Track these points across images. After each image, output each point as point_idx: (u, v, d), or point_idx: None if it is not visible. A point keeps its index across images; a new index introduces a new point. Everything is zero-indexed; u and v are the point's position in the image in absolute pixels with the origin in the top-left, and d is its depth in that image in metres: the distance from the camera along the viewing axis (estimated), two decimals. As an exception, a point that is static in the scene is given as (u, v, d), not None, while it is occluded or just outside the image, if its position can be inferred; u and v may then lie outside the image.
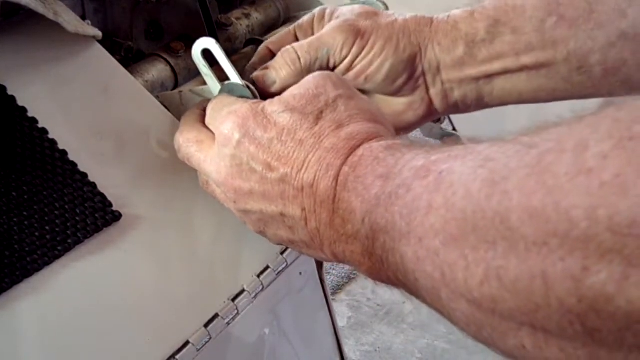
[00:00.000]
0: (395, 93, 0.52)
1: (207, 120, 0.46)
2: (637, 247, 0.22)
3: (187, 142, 0.46)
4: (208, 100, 0.48)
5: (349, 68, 0.50)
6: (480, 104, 0.52)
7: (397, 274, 0.33)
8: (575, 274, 0.23)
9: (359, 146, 0.38)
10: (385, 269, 0.34)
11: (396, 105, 0.52)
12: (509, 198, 0.26)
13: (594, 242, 0.23)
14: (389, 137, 0.39)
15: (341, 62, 0.50)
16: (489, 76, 0.50)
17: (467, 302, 0.29)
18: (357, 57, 0.50)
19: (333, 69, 0.50)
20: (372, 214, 0.34)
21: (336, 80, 0.42)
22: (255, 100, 0.44)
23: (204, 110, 0.47)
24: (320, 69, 0.49)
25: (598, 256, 0.23)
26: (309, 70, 0.49)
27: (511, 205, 0.26)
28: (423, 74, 0.51)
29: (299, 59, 0.50)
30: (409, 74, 0.50)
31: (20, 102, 0.47)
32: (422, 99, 0.52)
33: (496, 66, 0.49)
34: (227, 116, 0.43)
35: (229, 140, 0.42)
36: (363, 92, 0.51)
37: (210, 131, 0.45)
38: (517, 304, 0.26)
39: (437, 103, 0.52)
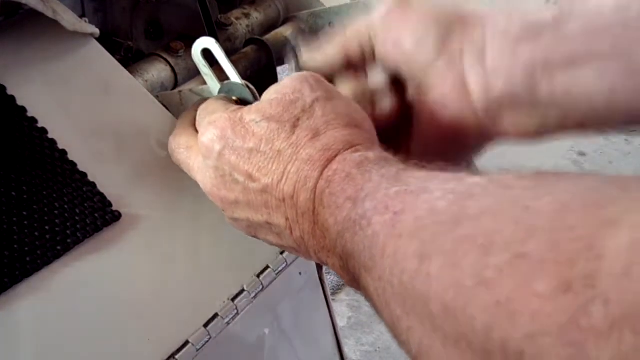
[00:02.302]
0: (426, 68, 0.43)
1: (197, 125, 0.46)
2: None
3: (178, 147, 0.46)
4: (203, 101, 0.47)
5: (386, 35, 0.45)
6: (533, 107, 0.41)
7: (367, 297, 0.34)
8: None
9: (334, 158, 0.38)
10: (360, 288, 0.35)
11: (426, 103, 0.44)
12: (430, 283, 0.27)
13: (492, 357, 0.23)
14: (365, 146, 0.39)
15: (381, 29, 0.46)
16: (550, 66, 0.39)
17: (411, 357, 0.29)
18: (394, 22, 0.45)
19: (374, 40, 0.46)
20: (342, 237, 0.35)
21: (314, 82, 0.42)
22: (234, 108, 0.43)
23: None
24: (360, 38, 0.47)
25: None
26: (349, 40, 0.47)
27: (431, 292, 0.27)
28: (461, 52, 0.43)
29: (345, 31, 0.48)
30: (443, 46, 0.43)
31: (19, 102, 0.47)
32: (456, 85, 0.42)
33: (561, 51, 0.39)
34: (207, 127, 0.42)
35: (211, 151, 0.42)
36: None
37: None
38: None
39: (477, 97, 0.42)
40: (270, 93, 0.42)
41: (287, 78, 0.42)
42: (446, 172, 0.32)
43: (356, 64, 0.48)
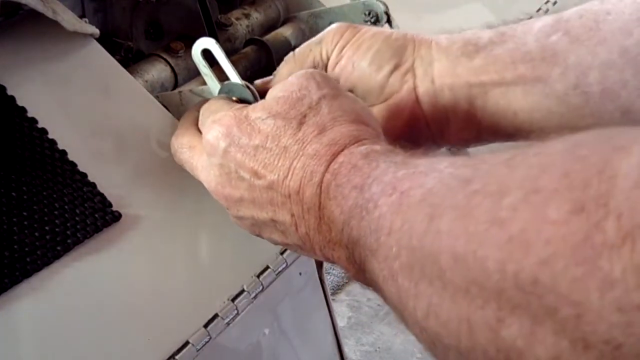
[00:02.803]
0: (382, 85, 0.48)
1: (199, 125, 0.46)
2: (540, 306, 0.22)
3: (181, 147, 0.46)
4: (205, 101, 0.48)
5: (339, 55, 0.49)
6: (471, 118, 0.48)
7: (373, 286, 0.34)
8: (492, 324, 0.24)
9: (340, 152, 0.38)
10: (365, 278, 0.35)
11: (383, 109, 0.49)
12: (440, 239, 0.27)
13: (505, 295, 0.23)
14: (371, 140, 0.39)
15: (333, 50, 0.49)
16: (484, 85, 0.46)
17: (419, 329, 0.29)
18: (347, 43, 0.49)
19: (327, 61, 0.49)
20: (348, 225, 0.35)
21: (320, 79, 0.42)
22: (239, 106, 0.43)
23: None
24: (314, 61, 0.49)
25: (509, 309, 0.23)
26: (302, 63, 0.49)
27: (441, 246, 0.27)
28: (413, 68, 0.48)
29: (294, 54, 0.50)
30: (396, 62, 0.48)
31: (20, 102, 0.47)
32: (409, 97, 0.48)
33: (492, 73, 0.46)
34: (212, 125, 0.42)
35: (216, 149, 0.42)
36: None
37: None
38: (452, 342, 0.27)
39: (425, 105, 0.48)
40: (277, 90, 0.42)
41: (293, 75, 0.42)
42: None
43: None
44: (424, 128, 0.49)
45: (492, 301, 0.24)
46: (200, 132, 0.46)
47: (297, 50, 0.50)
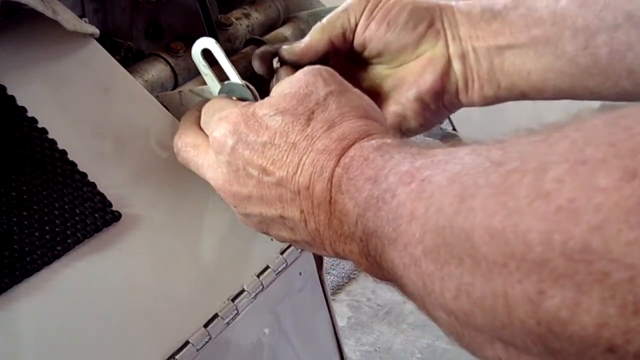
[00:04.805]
0: (417, 41, 0.51)
1: (202, 124, 0.46)
2: (588, 273, 0.22)
3: (185, 146, 0.46)
4: (206, 101, 0.48)
5: (370, 16, 0.50)
6: (491, 78, 0.51)
7: (390, 276, 0.34)
8: (532, 297, 0.24)
9: (350, 146, 0.38)
10: (381, 270, 0.35)
11: (417, 64, 0.52)
12: (473, 216, 0.26)
13: (548, 266, 0.23)
14: (381, 135, 0.39)
15: (361, 14, 0.51)
16: (500, 47, 0.50)
17: (445, 313, 0.29)
18: (375, 7, 0.50)
19: (355, 26, 0.51)
20: (363, 217, 0.35)
21: (327, 76, 0.42)
22: (245, 103, 0.43)
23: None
24: (342, 26, 0.51)
25: (552, 281, 0.23)
26: (331, 30, 0.51)
27: (475, 223, 0.26)
28: (443, 28, 0.51)
29: (323, 23, 0.52)
30: (429, 21, 0.51)
31: (19, 102, 0.47)
32: (442, 55, 0.51)
33: (507, 36, 0.49)
34: (219, 122, 0.42)
35: (223, 147, 0.42)
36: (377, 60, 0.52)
37: (207, 134, 0.45)
38: (485, 320, 0.26)
39: (455, 64, 0.51)
40: (283, 87, 0.42)
41: (300, 72, 0.43)
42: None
43: (338, 49, 0.52)
44: (453, 84, 0.52)
45: (533, 274, 0.24)
46: (202, 131, 0.46)
47: (325, 19, 0.52)
